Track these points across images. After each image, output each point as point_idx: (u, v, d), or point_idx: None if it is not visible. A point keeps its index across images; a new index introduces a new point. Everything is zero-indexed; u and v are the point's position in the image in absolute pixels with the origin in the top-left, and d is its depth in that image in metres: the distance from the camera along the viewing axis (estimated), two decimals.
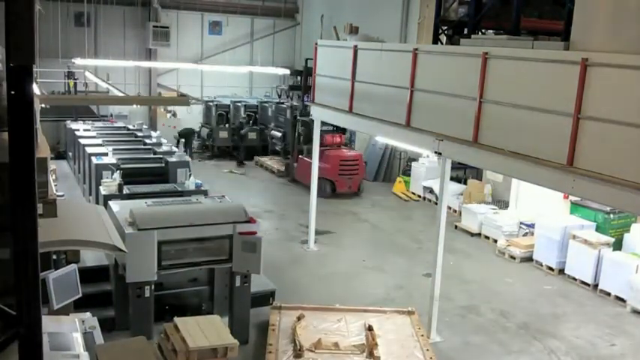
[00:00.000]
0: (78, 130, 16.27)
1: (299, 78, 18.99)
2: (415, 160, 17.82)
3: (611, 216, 12.19)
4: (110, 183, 10.76)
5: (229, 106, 22.42)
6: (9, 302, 3.11)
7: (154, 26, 22.92)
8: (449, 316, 9.87)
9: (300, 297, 10.34)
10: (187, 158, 12.80)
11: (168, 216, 8.10)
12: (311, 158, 14.21)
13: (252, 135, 22.10)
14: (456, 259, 12.51)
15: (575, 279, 11.64)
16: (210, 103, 22.49)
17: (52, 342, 5.13)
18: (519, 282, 11.69)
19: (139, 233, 7.62)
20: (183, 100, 16.59)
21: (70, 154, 17.41)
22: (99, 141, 14.53)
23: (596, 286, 11.24)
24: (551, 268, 12.10)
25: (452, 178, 12.95)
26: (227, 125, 22.19)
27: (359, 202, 16.96)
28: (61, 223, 5.44)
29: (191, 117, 23.84)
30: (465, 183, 16.39)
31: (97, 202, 10.65)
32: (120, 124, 18.74)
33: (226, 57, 24.75)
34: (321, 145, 16.91)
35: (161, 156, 12.78)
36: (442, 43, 10.71)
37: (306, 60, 17.84)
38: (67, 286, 6.55)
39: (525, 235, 13.43)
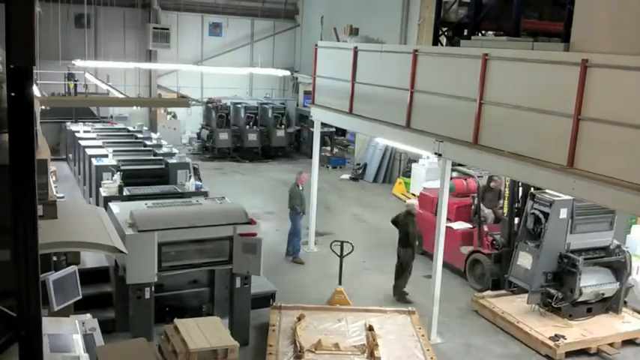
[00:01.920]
0: (78, 131, 16.27)
1: None
2: (415, 161, 17.82)
3: None
4: (110, 184, 10.77)
5: (229, 107, 22.42)
6: (9, 304, 3.11)
7: (154, 28, 22.96)
8: (449, 318, 9.86)
9: (301, 298, 10.33)
10: (188, 160, 12.78)
11: (169, 217, 8.10)
12: None
13: (253, 137, 22.12)
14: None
15: None
16: (210, 105, 22.49)
17: (52, 344, 5.13)
18: None
19: (139, 235, 7.62)
20: (183, 101, 16.62)
21: (70, 155, 17.42)
22: (99, 142, 14.54)
23: None
24: None
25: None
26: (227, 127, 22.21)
27: (359, 203, 16.95)
28: (62, 224, 5.45)
29: (191, 118, 23.90)
30: None
31: (97, 204, 10.65)
32: (120, 125, 18.74)
33: (226, 58, 24.78)
34: None
35: (161, 157, 12.79)
36: (442, 45, 10.71)
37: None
38: (67, 288, 6.56)
39: None
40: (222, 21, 25.08)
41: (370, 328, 8.53)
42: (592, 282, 9.61)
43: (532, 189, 10.09)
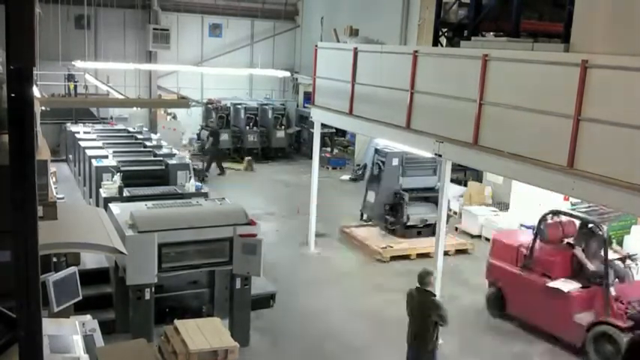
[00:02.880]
0: (78, 132, 16.27)
1: None
2: None
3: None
4: (110, 185, 10.76)
5: (229, 108, 22.42)
6: (9, 305, 3.11)
7: (154, 29, 22.95)
8: (450, 318, 9.84)
9: (301, 299, 10.35)
10: (188, 161, 12.78)
11: (169, 218, 8.10)
12: None
13: (253, 137, 22.13)
14: (456, 261, 12.50)
15: None
16: (210, 106, 22.49)
17: (52, 345, 5.13)
18: None
19: (139, 236, 7.62)
20: (183, 102, 16.64)
21: (71, 156, 17.41)
22: (99, 143, 14.53)
23: None
24: None
25: (452, 180, 12.95)
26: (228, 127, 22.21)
27: (359, 203, 16.93)
28: (62, 225, 5.45)
29: (191, 119, 23.90)
30: (466, 185, 16.38)
31: (98, 205, 10.65)
32: (120, 126, 18.73)
33: (226, 59, 24.78)
34: None
35: (161, 158, 12.78)
36: (442, 46, 10.72)
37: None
38: (68, 289, 6.56)
39: None
40: (222, 22, 25.08)
41: None
42: (418, 212, 13.20)
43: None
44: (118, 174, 11.20)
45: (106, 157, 12.72)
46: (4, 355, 3.11)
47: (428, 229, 13.07)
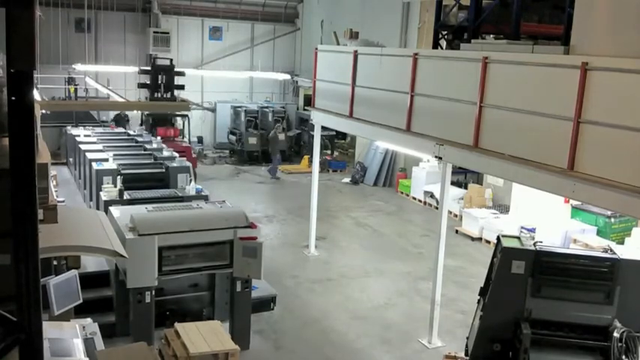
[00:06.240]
0: (78, 135, 16.28)
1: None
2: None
3: (612, 220, 12.18)
4: (111, 188, 10.78)
5: (230, 111, 22.47)
6: (9, 308, 3.10)
7: (154, 32, 22.97)
8: (450, 321, 9.85)
9: (301, 302, 10.34)
10: (187, 164, 12.80)
11: (169, 221, 8.10)
12: None
13: (253, 140, 22.14)
14: (456, 263, 12.50)
15: None
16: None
17: (52, 348, 5.13)
18: None
19: (139, 239, 7.62)
20: (183, 105, 16.65)
21: (71, 159, 17.43)
22: (99, 147, 14.54)
23: None
24: None
25: (452, 183, 12.96)
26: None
27: (359, 206, 16.95)
28: (62, 228, 5.44)
29: (192, 122, 23.89)
30: (466, 187, 16.38)
31: (98, 208, 10.65)
32: (120, 129, 18.75)
33: (227, 62, 24.81)
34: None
35: (161, 161, 12.79)
36: (442, 48, 10.73)
37: (151, 56, 20.16)
38: (68, 292, 6.56)
39: None
40: (223, 25, 25.10)
41: None
42: None
43: None
44: (119, 177, 11.21)
45: (107, 160, 12.73)
46: (5, 359, 3.10)
47: None
